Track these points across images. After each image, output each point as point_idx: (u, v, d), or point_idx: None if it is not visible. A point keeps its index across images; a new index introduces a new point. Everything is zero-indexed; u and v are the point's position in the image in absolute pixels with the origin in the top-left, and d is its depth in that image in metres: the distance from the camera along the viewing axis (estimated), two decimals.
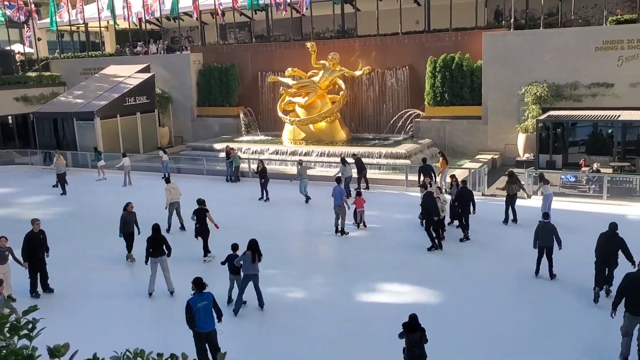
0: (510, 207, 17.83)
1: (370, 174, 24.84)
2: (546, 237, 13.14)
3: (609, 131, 24.61)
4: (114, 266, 15.29)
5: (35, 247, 13.17)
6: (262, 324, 11.77)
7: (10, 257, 12.82)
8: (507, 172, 19.05)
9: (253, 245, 11.91)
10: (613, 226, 12.20)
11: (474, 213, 16.60)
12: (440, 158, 22.41)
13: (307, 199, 21.21)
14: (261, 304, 12.12)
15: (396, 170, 25.43)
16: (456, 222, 17.23)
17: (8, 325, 2.60)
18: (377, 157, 26.64)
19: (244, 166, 26.25)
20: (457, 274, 14.15)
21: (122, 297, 13.27)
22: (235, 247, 12.34)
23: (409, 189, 22.23)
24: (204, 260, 15.21)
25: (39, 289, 13.35)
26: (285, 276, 14.32)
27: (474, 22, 30.72)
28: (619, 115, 23.35)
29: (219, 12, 36.10)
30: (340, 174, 20.61)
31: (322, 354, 10.54)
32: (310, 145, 29.55)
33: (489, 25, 31.66)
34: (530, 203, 19.28)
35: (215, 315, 9.62)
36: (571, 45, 26.00)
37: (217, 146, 30.64)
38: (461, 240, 16.38)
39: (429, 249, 15.55)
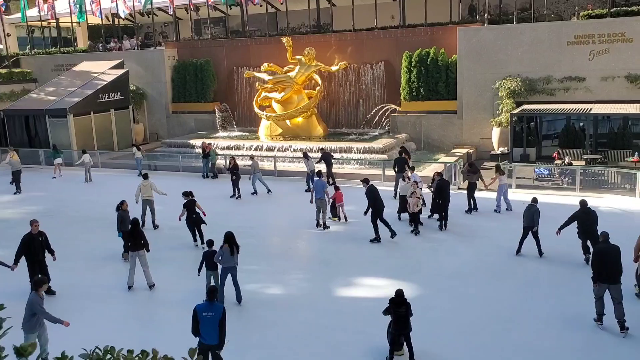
0: (470, 197, 18.57)
1: (348, 169, 24.97)
2: (529, 217, 14.33)
3: (581, 124, 25.05)
4: (103, 263, 15.16)
5: (35, 249, 12.58)
6: (240, 319, 11.71)
7: None
8: (467, 162, 19.95)
9: (230, 238, 11.98)
10: (584, 202, 13.79)
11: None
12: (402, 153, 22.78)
13: (259, 191, 21.97)
14: (239, 298, 12.17)
15: (373, 165, 25.53)
16: (436, 215, 17.42)
17: None
18: (354, 152, 26.73)
19: (220, 162, 26.09)
20: (435, 266, 14.30)
21: (115, 295, 13.14)
22: (210, 243, 12.48)
23: (386, 184, 22.30)
24: (203, 248, 15.32)
25: None
26: (263, 272, 14.29)
27: (449, 17, 30.93)
28: (590, 109, 23.74)
29: (192, 7, 35.79)
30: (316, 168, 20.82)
31: (300, 348, 10.54)
32: (287, 140, 29.50)
33: (463, 20, 31.89)
34: (490, 194, 19.59)
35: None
36: (544, 39, 26.34)
37: (193, 142, 30.41)
38: (440, 227, 16.86)
39: (372, 241, 15.95)
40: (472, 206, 18.57)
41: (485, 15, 28.84)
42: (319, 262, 15.42)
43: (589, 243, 13.51)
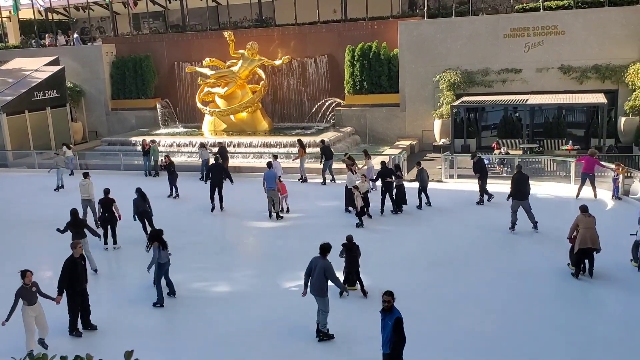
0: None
1: (294, 162, 24.95)
2: (424, 179, 18.08)
3: (517, 115, 25.89)
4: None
5: (79, 277, 10.83)
6: (189, 317, 11.57)
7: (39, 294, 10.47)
8: (344, 154, 21.56)
9: (157, 236, 12.24)
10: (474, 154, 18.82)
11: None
12: (298, 146, 23.22)
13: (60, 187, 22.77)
14: (172, 291, 12.33)
15: (319, 158, 25.52)
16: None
17: None
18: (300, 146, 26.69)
19: (161, 160, 25.54)
20: (382, 256, 14.45)
21: None
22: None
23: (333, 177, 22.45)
24: (114, 248, 15.58)
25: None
26: (210, 270, 14.14)
27: (390, 11, 31.31)
28: (527, 100, 24.53)
29: (132, 1, 34.89)
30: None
31: (248, 342, 10.50)
32: (231, 136, 29.23)
33: (403, 14, 32.33)
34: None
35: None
36: (481, 32, 27.03)
37: (134, 140, 29.70)
38: (380, 212, 17.72)
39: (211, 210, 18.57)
40: None
41: (425, 9, 29.35)
42: (267, 257, 15.37)
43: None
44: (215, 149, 23.63)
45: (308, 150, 24.15)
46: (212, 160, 22.12)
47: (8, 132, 29.21)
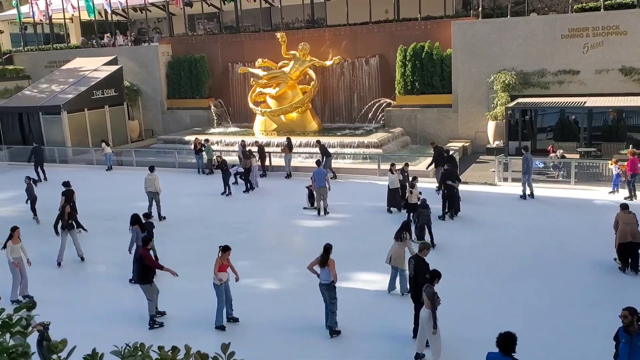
0: (247, 179, 21.80)
1: (343, 163, 25.02)
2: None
3: (573, 117, 25.09)
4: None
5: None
6: (238, 314, 11.72)
7: None
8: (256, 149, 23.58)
9: (137, 220, 13.59)
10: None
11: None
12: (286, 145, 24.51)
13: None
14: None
15: (367, 159, 25.51)
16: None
17: None
18: (349, 147, 26.70)
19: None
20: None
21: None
22: (147, 215, 14.42)
23: (381, 178, 22.34)
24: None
25: None
26: (257, 267, 14.28)
27: (443, 11, 30.91)
28: (584, 102, 23.77)
29: (186, 2, 35.65)
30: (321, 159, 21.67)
31: (296, 342, 10.55)
32: (282, 136, 29.43)
33: (457, 14, 31.86)
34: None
35: None
36: (538, 33, 26.33)
37: (188, 138, 30.33)
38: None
39: None
40: (250, 186, 21.68)
41: (480, 8, 28.83)
42: (313, 257, 15.37)
43: None
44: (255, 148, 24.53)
45: (362, 151, 24.18)
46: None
47: (68, 129, 30.37)
